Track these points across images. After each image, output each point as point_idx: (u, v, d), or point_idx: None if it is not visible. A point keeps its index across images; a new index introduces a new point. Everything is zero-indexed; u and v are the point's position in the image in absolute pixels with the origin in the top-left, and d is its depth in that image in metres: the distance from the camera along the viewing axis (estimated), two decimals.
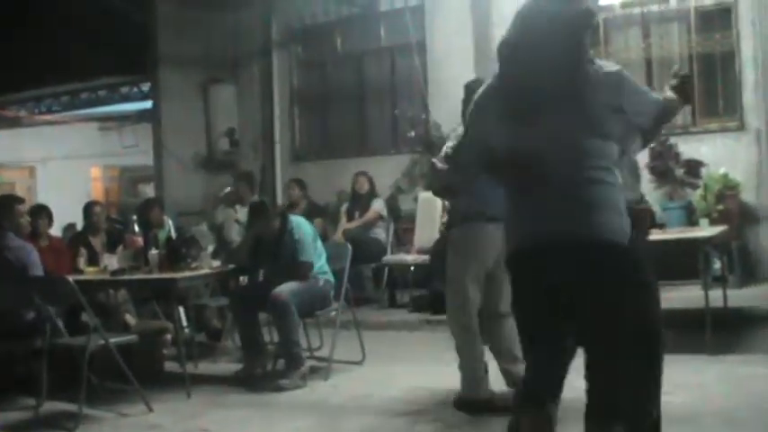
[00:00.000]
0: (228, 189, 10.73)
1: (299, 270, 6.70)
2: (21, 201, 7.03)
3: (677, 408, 5.02)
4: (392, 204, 10.65)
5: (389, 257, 9.73)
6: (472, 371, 5.39)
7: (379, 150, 11.66)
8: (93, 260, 7.85)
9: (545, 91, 3.19)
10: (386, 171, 10.85)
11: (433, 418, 5.37)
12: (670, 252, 7.57)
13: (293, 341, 6.59)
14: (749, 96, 9.45)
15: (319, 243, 7.02)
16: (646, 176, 9.39)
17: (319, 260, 6.88)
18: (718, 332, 6.67)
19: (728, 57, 9.66)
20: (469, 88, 4.98)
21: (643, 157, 9.45)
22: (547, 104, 3.19)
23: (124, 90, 15.64)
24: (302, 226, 6.90)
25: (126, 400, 6.07)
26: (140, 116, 15.54)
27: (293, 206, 10.41)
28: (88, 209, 8.65)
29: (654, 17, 10.06)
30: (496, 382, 5.47)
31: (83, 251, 8.10)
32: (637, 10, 10.15)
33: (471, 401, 5.37)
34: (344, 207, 10.53)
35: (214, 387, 6.61)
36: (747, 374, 5.89)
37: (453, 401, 5.50)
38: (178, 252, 7.09)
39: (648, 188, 9.35)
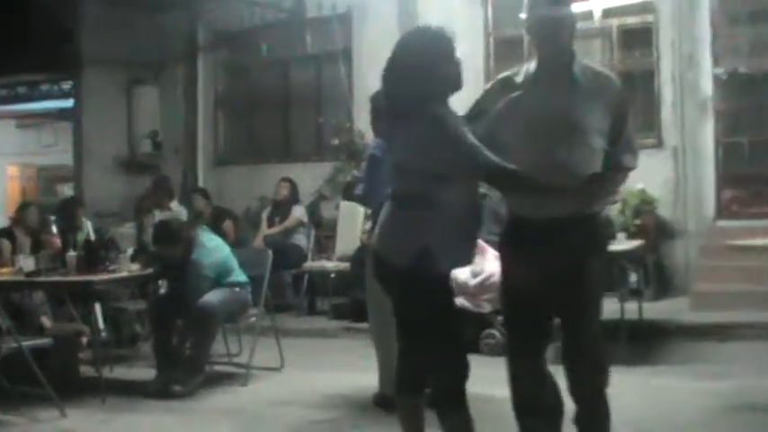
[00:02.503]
0: (145, 194, 10.58)
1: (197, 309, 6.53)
2: None
3: None
4: (314, 211, 10.64)
5: (310, 264, 9.72)
6: (390, 368, 5.43)
7: (303, 157, 11.64)
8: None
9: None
10: (309, 178, 10.83)
11: (352, 425, 5.39)
12: None
13: (206, 353, 6.57)
14: (667, 114, 9.68)
15: (228, 252, 6.94)
16: None
17: (233, 272, 6.82)
18: (633, 344, 6.82)
19: (648, 75, 9.87)
20: (375, 101, 5.08)
21: None
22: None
23: (44, 88, 15.32)
24: (212, 254, 6.72)
25: (39, 405, 5.92)
26: (60, 114, 15.25)
27: (199, 216, 10.32)
28: (22, 210, 8.52)
29: (577, 34, 10.17)
30: None
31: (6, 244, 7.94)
32: None
33: (390, 398, 5.41)
34: (266, 213, 10.50)
35: (130, 392, 6.49)
36: (660, 386, 6.04)
37: (373, 398, 5.57)
38: (96, 254, 6.98)
39: None
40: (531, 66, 3.74)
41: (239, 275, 6.82)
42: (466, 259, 4.09)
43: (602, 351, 3.78)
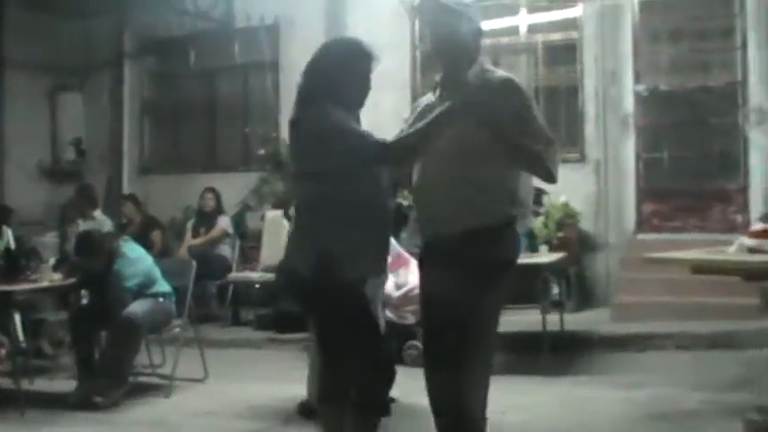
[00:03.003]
0: (68, 202, 10.42)
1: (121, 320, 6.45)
2: None
3: (509, 427, 5.18)
4: (239, 222, 10.58)
5: (234, 275, 9.62)
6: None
7: (229, 167, 11.59)
8: None
9: None
10: (234, 188, 10.77)
11: None
12: (512, 277, 7.82)
13: (130, 364, 6.52)
14: (590, 129, 9.86)
15: (151, 263, 6.87)
16: None
17: (156, 282, 6.76)
18: (555, 354, 6.93)
19: (572, 91, 10.06)
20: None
21: None
22: None
23: None
24: (134, 264, 6.65)
25: None
26: None
27: (128, 224, 10.24)
28: None
29: (503, 49, 10.36)
30: None
31: None
32: (487, 41, 10.41)
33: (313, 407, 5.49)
34: (191, 223, 10.42)
35: (50, 404, 6.37)
36: (581, 396, 6.14)
37: (297, 407, 5.63)
38: (17, 263, 6.87)
39: None
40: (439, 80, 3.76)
41: (163, 286, 6.76)
42: (377, 264, 3.89)
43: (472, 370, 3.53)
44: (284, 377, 6.55)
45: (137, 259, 6.71)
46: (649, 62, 9.82)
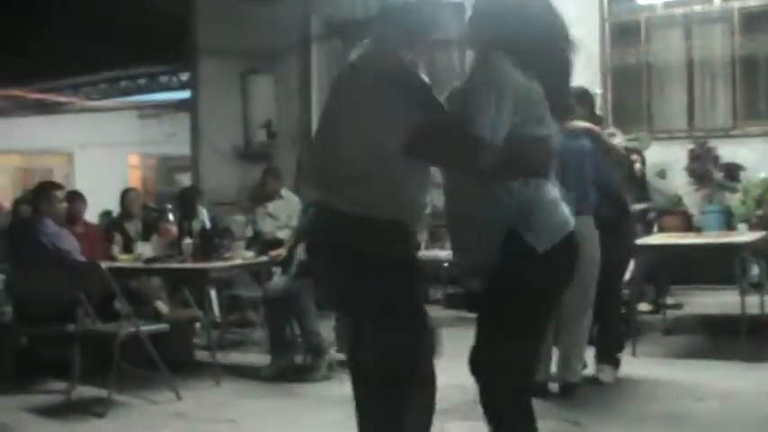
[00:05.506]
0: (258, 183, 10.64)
1: None
2: (58, 187, 7.04)
3: (708, 415, 4.97)
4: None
5: (424, 254, 9.64)
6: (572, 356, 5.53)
7: None
8: (128, 247, 7.90)
9: None
10: None
11: (462, 417, 5.34)
12: (707, 256, 7.52)
13: (314, 331, 6.61)
14: None
15: None
16: (684, 178, 9.33)
17: None
18: (754, 339, 6.58)
19: None
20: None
21: (682, 159, 9.39)
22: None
23: (163, 79, 15.72)
24: None
25: (155, 388, 6.09)
26: (179, 105, 15.62)
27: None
28: (124, 195, 8.73)
29: (696, 18, 9.94)
30: None
31: (118, 238, 8.17)
32: (679, 10, 10.04)
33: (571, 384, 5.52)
34: None
35: (243, 377, 6.61)
36: None
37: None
38: (211, 242, 7.11)
39: (687, 191, 9.28)
40: None
41: None
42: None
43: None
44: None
45: None
46: None
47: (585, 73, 9.40)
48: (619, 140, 5.90)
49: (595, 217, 5.40)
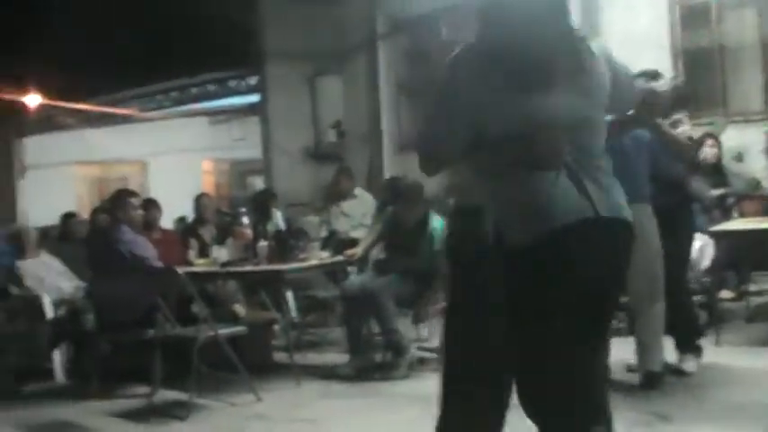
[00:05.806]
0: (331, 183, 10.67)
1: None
2: (134, 194, 7.15)
3: None
4: None
5: None
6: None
7: None
8: (204, 252, 7.99)
9: (547, 57, 2.77)
10: None
11: None
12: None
13: (393, 329, 6.58)
14: None
15: None
16: (762, 161, 9.09)
17: None
18: None
19: None
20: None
21: (759, 142, 9.16)
22: (555, 73, 2.75)
23: (232, 84, 15.87)
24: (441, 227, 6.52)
25: (235, 390, 6.14)
26: (248, 109, 15.75)
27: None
28: (198, 201, 8.83)
29: None
30: None
31: (193, 243, 8.26)
32: None
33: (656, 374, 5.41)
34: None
35: (321, 377, 6.63)
36: None
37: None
38: (286, 243, 7.15)
39: (766, 174, 9.05)
40: None
41: None
42: None
43: None
44: None
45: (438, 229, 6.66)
46: None
47: (656, 56, 9.25)
48: (684, 128, 5.76)
49: (654, 206, 5.28)
